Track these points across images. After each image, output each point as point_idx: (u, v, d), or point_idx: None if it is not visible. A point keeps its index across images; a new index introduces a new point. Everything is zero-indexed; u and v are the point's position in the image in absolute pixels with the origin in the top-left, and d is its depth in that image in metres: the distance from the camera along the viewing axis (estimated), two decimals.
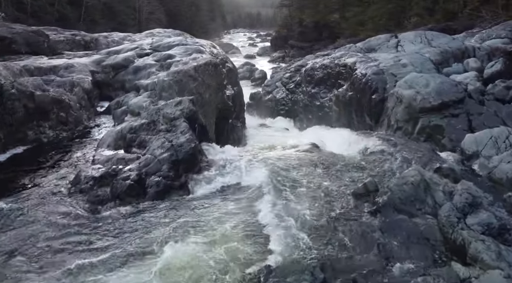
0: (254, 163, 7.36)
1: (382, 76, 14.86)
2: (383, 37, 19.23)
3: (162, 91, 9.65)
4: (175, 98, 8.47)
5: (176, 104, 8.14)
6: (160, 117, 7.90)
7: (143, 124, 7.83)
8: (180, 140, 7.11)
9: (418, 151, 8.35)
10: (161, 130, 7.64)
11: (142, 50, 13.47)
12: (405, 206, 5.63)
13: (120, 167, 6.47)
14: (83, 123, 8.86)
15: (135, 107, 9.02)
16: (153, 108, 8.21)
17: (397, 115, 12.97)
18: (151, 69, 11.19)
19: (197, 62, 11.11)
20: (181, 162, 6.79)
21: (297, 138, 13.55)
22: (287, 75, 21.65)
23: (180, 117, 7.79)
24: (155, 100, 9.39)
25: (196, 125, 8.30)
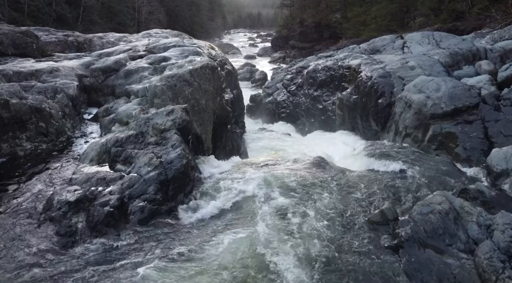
0: (253, 182, 6.44)
1: (389, 79, 13.93)
2: (388, 38, 18.31)
3: (154, 98, 8.72)
4: (166, 107, 7.54)
5: (167, 114, 7.21)
6: (150, 128, 6.98)
7: (130, 137, 6.90)
8: (170, 156, 6.18)
9: (435, 166, 7.40)
10: (150, 143, 6.72)
11: (136, 52, 12.53)
12: (433, 240, 4.68)
13: (100, 188, 5.54)
14: (66, 133, 7.91)
15: (124, 116, 8.09)
16: (142, 118, 7.27)
17: (406, 122, 12.04)
18: (144, 73, 10.26)
19: (193, 66, 10.18)
20: (171, 182, 5.86)
21: (299, 147, 12.66)
22: (288, 77, 20.74)
23: (171, 128, 6.86)
24: (146, 107, 8.46)
25: (189, 136, 7.36)
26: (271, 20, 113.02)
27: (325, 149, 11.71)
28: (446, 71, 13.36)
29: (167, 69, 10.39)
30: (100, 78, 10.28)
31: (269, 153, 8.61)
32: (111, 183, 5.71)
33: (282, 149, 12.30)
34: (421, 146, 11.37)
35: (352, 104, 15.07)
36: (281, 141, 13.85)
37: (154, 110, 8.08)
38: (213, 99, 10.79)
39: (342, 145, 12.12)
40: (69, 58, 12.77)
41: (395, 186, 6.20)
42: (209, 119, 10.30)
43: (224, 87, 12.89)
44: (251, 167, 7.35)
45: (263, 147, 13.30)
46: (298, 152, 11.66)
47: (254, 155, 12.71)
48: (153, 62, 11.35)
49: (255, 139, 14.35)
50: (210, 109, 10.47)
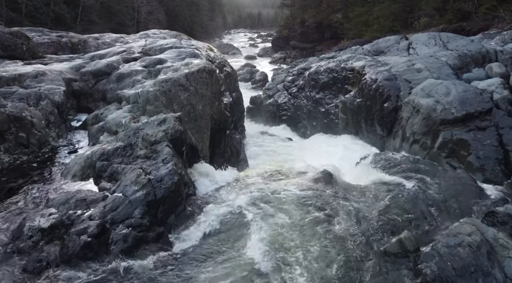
0: (252, 201, 5.72)
1: (395, 82, 13.19)
2: (393, 39, 17.57)
3: (146, 104, 8.00)
4: (158, 116, 6.81)
5: (159, 124, 6.48)
6: (139, 140, 6.26)
7: (117, 149, 6.18)
8: (160, 172, 5.46)
9: (453, 182, 6.66)
10: (139, 157, 6.00)
11: (130, 54, 11.81)
12: (463, 279, 3.97)
13: (79, 212, 4.82)
14: (49, 144, 7.19)
15: (113, 125, 7.36)
16: (131, 128, 6.55)
17: (414, 127, 11.32)
18: (137, 77, 9.53)
19: (189, 69, 9.46)
20: (160, 203, 5.15)
21: (302, 153, 11.93)
22: (289, 79, 20.00)
23: (163, 140, 6.14)
24: (138, 115, 7.74)
25: (183, 148, 6.64)
26: (272, 20, 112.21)
27: (330, 157, 11.00)
28: (455, 74, 12.62)
29: (162, 73, 9.67)
30: (91, 83, 9.56)
31: (270, 163, 7.88)
32: (92, 205, 5.00)
33: (283, 156, 11.60)
34: (431, 153, 10.66)
35: (356, 108, 14.35)
36: (283, 147, 13.13)
37: (145, 118, 7.36)
38: (210, 104, 10.08)
39: (347, 152, 11.39)
40: (61, 60, 12.06)
41: (411, 207, 5.47)
42: (207, 126, 9.58)
43: (223, 90, 12.18)
44: (250, 182, 6.63)
45: (264, 152, 12.60)
46: (300, 160, 10.95)
47: (255, 162, 12.01)
48: (147, 65, 10.64)
49: (255, 144, 13.64)
50: (208, 115, 9.75)
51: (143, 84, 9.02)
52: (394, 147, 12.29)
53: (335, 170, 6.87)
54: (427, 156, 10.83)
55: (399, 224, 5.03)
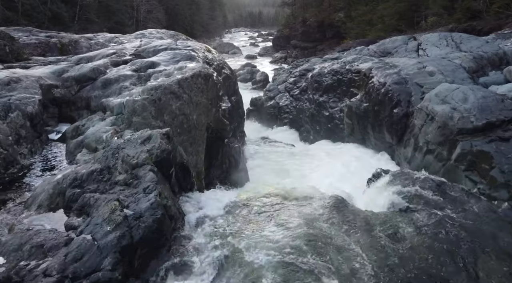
0: (251, 239, 4.66)
1: (405, 86, 12.08)
2: (400, 39, 16.44)
3: (132, 116, 6.92)
4: (142, 132, 5.74)
5: (142, 142, 5.41)
6: (119, 162, 5.20)
7: (93, 173, 5.12)
8: (140, 206, 4.41)
9: (485, 215, 5.58)
10: (117, 184, 4.94)
11: (120, 56, 10.72)
12: None
13: (33, 263, 3.75)
14: (18, 163, 6.12)
15: (92, 140, 6.30)
16: (110, 147, 5.48)
17: (428, 136, 10.23)
18: (125, 83, 8.44)
19: (183, 74, 8.39)
20: (138, 246, 4.09)
21: (306, 165, 10.85)
22: (291, 80, 18.90)
23: (146, 163, 5.08)
24: (122, 128, 6.67)
25: (172, 170, 5.58)
26: (272, 19, 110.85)
27: (337, 170, 9.94)
28: (470, 77, 11.53)
29: (152, 79, 8.59)
30: (74, 89, 8.48)
31: (271, 185, 6.81)
32: (50, 253, 3.93)
33: (286, 167, 10.54)
34: (447, 166, 9.58)
35: (362, 113, 13.27)
36: (285, 156, 12.04)
37: (130, 133, 6.28)
38: (206, 112, 9.01)
39: (355, 163, 10.32)
40: (46, 63, 10.99)
41: (443, 248, 4.41)
42: (201, 137, 8.51)
43: (221, 95, 11.10)
44: (251, 211, 5.56)
45: (265, 163, 11.53)
46: (306, 177, 9.90)
47: (255, 174, 10.96)
48: (138, 69, 9.56)
49: (256, 153, 12.57)
50: (203, 125, 8.68)
51: (131, 91, 7.95)
52: (405, 156, 11.22)
53: (346, 195, 5.80)
54: (442, 168, 9.75)
55: (435, 273, 3.97)
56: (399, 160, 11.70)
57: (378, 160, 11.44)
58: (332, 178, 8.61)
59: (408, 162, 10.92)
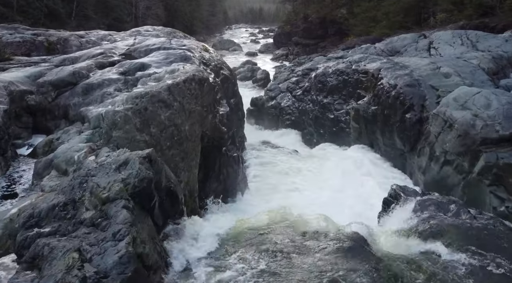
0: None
1: (418, 89, 10.98)
2: (409, 37, 15.29)
3: (112, 130, 5.86)
4: (118, 153, 4.68)
5: (117, 167, 4.36)
6: (86, 193, 4.15)
7: (54, 208, 4.08)
8: (106, 261, 3.35)
9: None
10: (83, 223, 3.90)
11: (108, 57, 9.65)
12: None
13: None
14: None
15: (62, 161, 5.24)
16: (77, 174, 4.43)
17: (446, 146, 9.16)
18: (108, 89, 7.38)
19: (174, 79, 7.31)
20: None
21: (311, 177, 9.78)
22: (293, 80, 17.75)
23: (120, 197, 4.02)
24: (100, 145, 5.61)
25: (154, 200, 4.52)
26: (273, 15, 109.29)
27: (348, 187, 8.89)
28: (491, 80, 10.44)
29: (140, 84, 7.52)
30: (51, 96, 7.41)
31: (273, 210, 5.76)
32: None
33: (290, 180, 9.48)
34: (469, 179, 8.52)
35: (370, 117, 12.18)
36: (288, 165, 10.97)
37: (107, 152, 5.21)
38: (201, 121, 7.94)
39: (372, 183, 9.24)
40: (28, 63, 9.93)
41: None
42: (195, 149, 7.44)
43: (219, 98, 10.04)
44: (250, 247, 4.51)
45: (267, 174, 10.46)
46: (311, 190, 8.84)
47: (255, 187, 9.91)
48: (125, 72, 8.49)
49: (257, 159, 11.50)
50: (197, 135, 7.61)
51: (114, 99, 6.88)
52: (418, 165, 10.16)
53: (365, 231, 4.74)
54: (463, 181, 8.71)
55: None
56: (411, 169, 10.64)
57: (390, 172, 10.38)
58: (342, 199, 7.57)
59: (423, 172, 9.86)
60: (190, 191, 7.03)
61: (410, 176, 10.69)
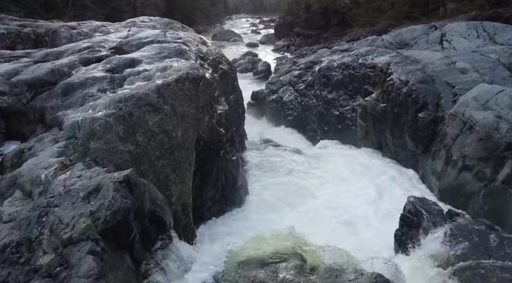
0: None
1: (432, 86, 10.04)
2: (419, 29, 14.27)
3: (89, 140, 4.96)
4: (94, 172, 3.80)
5: (87, 196, 3.47)
6: (45, 231, 3.28)
7: (5, 249, 3.21)
8: None
9: None
10: (37, 272, 3.04)
11: (95, 52, 8.70)
12: None
13: None
14: None
15: (27, 180, 4.34)
16: (36, 205, 3.53)
17: (465, 150, 8.25)
18: (91, 89, 6.45)
19: (164, 79, 6.40)
20: None
21: (317, 180, 8.90)
22: (296, 73, 16.76)
23: (85, 237, 3.15)
24: (74, 159, 4.72)
25: (134, 232, 3.65)
26: (274, 5, 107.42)
27: (359, 194, 8.02)
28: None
29: (126, 83, 6.60)
30: (26, 97, 6.48)
31: (280, 231, 4.93)
32: None
33: (293, 189, 8.62)
34: (491, 187, 7.64)
35: (378, 115, 11.26)
36: (290, 167, 10.10)
37: (81, 169, 4.32)
38: (196, 124, 7.03)
39: (391, 193, 8.36)
40: (9, 58, 9.00)
41: None
42: (188, 157, 6.55)
43: (217, 96, 9.13)
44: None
45: (268, 178, 9.59)
46: (316, 196, 7.98)
47: (256, 189, 9.05)
48: (113, 69, 7.55)
49: (258, 162, 10.61)
50: (191, 141, 6.71)
51: (96, 101, 5.97)
52: (433, 169, 9.27)
53: (389, 271, 3.87)
54: (484, 189, 7.83)
55: None
56: (424, 172, 9.76)
57: (405, 176, 9.51)
58: (353, 210, 6.72)
59: (438, 177, 8.97)
60: (183, 206, 6.16)
61: (423, 179, 9.82)
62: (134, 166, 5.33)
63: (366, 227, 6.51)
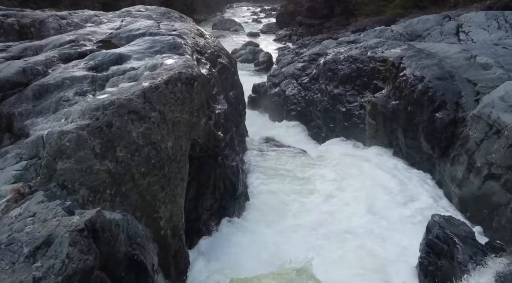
0: None
1: (451, 83, 9.02)
2: (432, 19, 13.16)
3: (57, 160, 4.01)
4: (45, 220, 2.87)
5: (32, 253, 2.54)
6: None
7: None
8: None
9: None
10: None
11: (78, 46, 7.70)
12: None
13: None
14: None
15: None
16: None
17: (491, 156, 7.28)
18: (67, 92, 5.47)
19: (152, 80, 5.42)
20: None
21: (328, 189, 7.96)
22: (299, 66, 15.69)
23: None
24: (34, 185, 3.78)
25: None
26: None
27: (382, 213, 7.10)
28: None
29: (108, 85, 5.63)
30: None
31: (286, 271, 4.03)
32: None
33: (298, 204, 7.70)
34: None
35: (390, 113, 10.30)
36: (297, 171, 9.17)
37: (39, 201, 3.38)
38: (190, 131, 6.08)
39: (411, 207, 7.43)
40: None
41: None
42: (181, 171, 5.60)
43: (215, 94, 8.18)
44: None
45: (271, 183, 8.68)
46: (327, 217, 7.06)
47: (259, 201, 8.14)
48: (96, 67, 6.57)
49: (259, 165, 9.68)
50: (184, 152, 5.76)
51: (71, 108, 5.01)
52: (452, 175, 8.33)
53: None
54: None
55: None
56: (441, 177, 8.81)
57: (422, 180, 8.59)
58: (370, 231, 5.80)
59: (458, 185, 8.02)
60: (173, 229, 5.24)
61: (440, 184, 8.89)
62: (114, 186, 4.41)
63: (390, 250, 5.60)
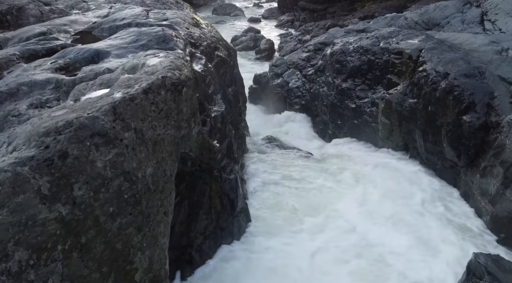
0: None
1: (481, 81, 7.75)
2: (451, 6, 11.74)
3: None
4: None
5: None
6: None
7: None
8: None
9: None
10: None
11: (48, 40, 6.45)
12: None
13: None
14: None
15: None
16: None
17: None
18: (20, 104, 4.27)
19: (127, 90, 4.19)
20: None
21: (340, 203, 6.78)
22: (303, 56, 14.36)
23: None
24: None
25: None
26: None
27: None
28: None
29: (71, 96, 4.41)
30: None
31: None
32: None
33: (306, 211, 6.56)
34: None
35: (406, 112, 9.08)
36: (304, 180, 8.00)
37: None
38: (176, 150, 4.85)
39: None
40: None
41: None
42: (164, 203, 4.43)
43: (211, 93, 6.93)
44: None
45: (274, 197, 7.51)
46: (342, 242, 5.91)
47: (261, 216, 6.99)
48: (67, 67, 5.35)
49: (261, 172, 8.50)
50: (168, 178, 4.56)
51: (19, 128, 3.80)
52: (481, 188, 7.15)
53: None
54: None
55: None
56: (468, 190, 7.63)
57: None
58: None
59: (490, 201, 6.85)
60: (153, 280, 4.07)
61: (465, 197, 7.73)
62: (69, 239, 3.23)
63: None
